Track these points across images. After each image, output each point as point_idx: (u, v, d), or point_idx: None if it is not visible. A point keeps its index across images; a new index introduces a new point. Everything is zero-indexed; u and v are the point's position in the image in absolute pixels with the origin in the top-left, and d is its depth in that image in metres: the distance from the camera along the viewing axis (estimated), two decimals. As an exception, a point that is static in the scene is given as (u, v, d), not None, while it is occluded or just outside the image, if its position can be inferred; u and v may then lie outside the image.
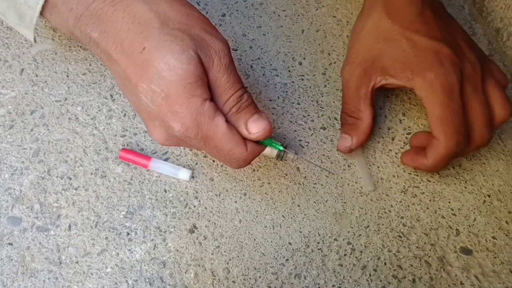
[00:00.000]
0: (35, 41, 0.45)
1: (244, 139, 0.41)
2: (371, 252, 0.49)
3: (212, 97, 0.40)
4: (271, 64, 0.57)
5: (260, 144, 0.44)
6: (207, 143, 0.40)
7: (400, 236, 0.50)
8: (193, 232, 0.47)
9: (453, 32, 0.50)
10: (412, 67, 0.48)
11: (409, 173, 0.53)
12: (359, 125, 0.51)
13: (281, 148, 0.47)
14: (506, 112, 0.49)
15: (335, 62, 0.58)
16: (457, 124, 0.47)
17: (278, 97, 0.55)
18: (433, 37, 0.48)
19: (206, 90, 0.39)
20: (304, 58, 0.58)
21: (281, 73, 0.57)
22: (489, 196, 0.54)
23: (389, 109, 0.56)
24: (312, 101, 0.56)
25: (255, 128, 0.41)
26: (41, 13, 0.41)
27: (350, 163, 0.53)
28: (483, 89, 0.48)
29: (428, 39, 0.48)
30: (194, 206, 0.48)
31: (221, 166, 0.51)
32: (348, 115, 0.52)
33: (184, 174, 0.49)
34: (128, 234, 0.47)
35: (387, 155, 0.54)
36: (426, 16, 0.49)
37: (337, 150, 0.53)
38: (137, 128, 0.51)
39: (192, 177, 0.49)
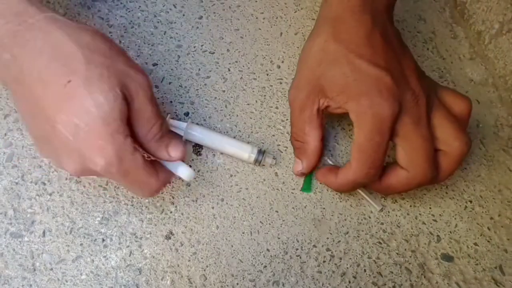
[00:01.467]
0: None
1: (156, 171, 0.43)
2: (350, 258, 0.49)
3: (134, 127, 0.41)
4: (249, 68, 0.57)
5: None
6: (126, 177, 0.40)
7: (380, 243, 0.50)
8: (170, 238, 0.47)
9: (401, 61, 0.48)
10: (348, 91, 0.46)
11: (389, 179, 0.53)
12: (306, 148, 0.50)
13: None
14: (460, 143, 0.46)
15: (316, 66, 0.58)
16: (373, 157, 0.45)
17: (256, 101, 0.55)
18: (377, 64, 0.46)
19: (127, 127, 0.40)
20: (282, 62, 0.58)
21: (259, 76, 0.56)
22: (470, 201, 0.53)
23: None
24: (291, 105, 0.55)
25: (174, 150, 0.44)
26: None
27: (330, 168, 0.52)
28: (428, 122, 0.46)
29: (371, 65, 0.46)
30: (171, 212, 0.48)
31: (198, 171, 0.50)
32: (295, 139, 0.51)
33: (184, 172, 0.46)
34: (103, 240, 0.46)
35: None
36: (374, 40, 0.47)
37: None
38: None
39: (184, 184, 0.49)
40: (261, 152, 0.50)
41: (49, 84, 0.38)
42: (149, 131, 0.42)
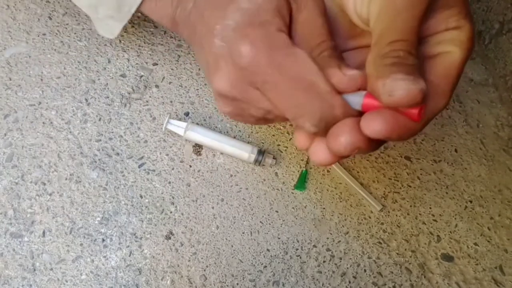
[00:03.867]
0: (117, 36, 0.43)
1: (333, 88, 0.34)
2: (350, 258, 0.49)
3: (299, 43, 0.35)
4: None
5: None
6: (283, 72, 0.33)
7: (380, 243, 0.50)
8: (170, 238, 0.47)
9: None
10: (467, 4, 0.35)
11: (389, 179, 0.53)
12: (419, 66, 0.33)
13: None
14: None
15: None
16: None
17: (257, 102, 0.55)
18: None
19: (285, 25, 0.34)
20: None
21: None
22: (470, 201, 0.53)
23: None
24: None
25: (350, 70, 0.34)
26: (142, 9, 0.40)
27: (330, 168, 0.52)
28: None
29: None
30: (171, 212, 0.48)
31: (198, 171, 0.50)
32: (409, 53, 0.33)
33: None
34: (103, 240, 0.46)
35: (367, 160, 0.53)
36: None
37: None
38: (112, 132, 0.50)
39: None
40: (261, 152, 0.50)
41: (214, 2, 0.35)
42: (317, 45, 0.35)
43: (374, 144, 0.33)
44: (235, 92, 0.35)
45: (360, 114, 0.33)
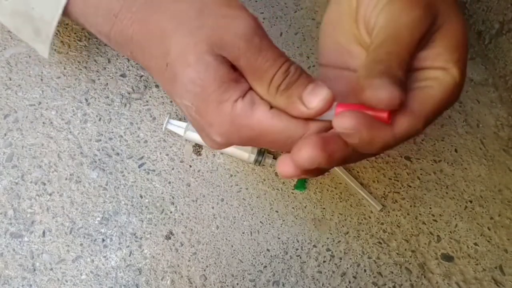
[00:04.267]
0: (48, 56, 0.43)
1: (303, 119, 0.34)
2: (350, 258, 0.49)
3: (253, 86, 0.35)
4: (249, 68, 0.57)
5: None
6: (260, 141, 0.35)
7: (380, 243, 0.50)
8: (170, 238, 0.47)
9: None
10: (462, 51, 0.37)
11: (389, 179, 0.53)
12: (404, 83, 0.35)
13: None
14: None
15: (313, 65, 0.58)
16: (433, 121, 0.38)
17: (257, 101, 0.55)
18: None
19: (235, 90, 0.34)
20: (283, 62, 0.58)
21: (259, 77, 0.56)
22: (470, 201, 0.53)
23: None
24: (292, 105, 0.55)
25: (313, 99, 0.34)
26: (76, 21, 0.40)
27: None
28: None
29: None
30: (171, 212, 0.48)
31: (198, 171, 0.50)
32: (399, 67, 0.35)
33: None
34: (103, 240, 0.46)
35: (367, 160, 0.53)
36: None
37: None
38: (112, 132, 0.50)
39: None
40: (261, 152, 0.50)
41: (158, 71, 0.36)
42: (270, 84, 0.34)
43: (335, 161, 0.34)
44: (226, 146, 0.38)
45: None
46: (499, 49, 0.62)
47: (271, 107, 0.34)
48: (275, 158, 0.51)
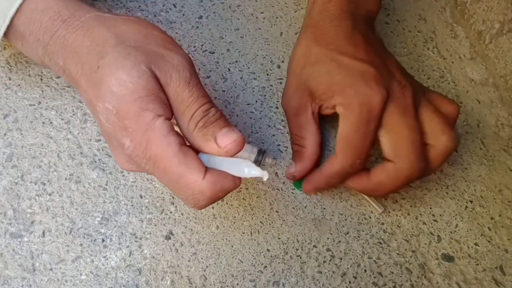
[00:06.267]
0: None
1: (205, 168, 0.37)
2: (351, 259, 0.48)
3: (175, 116, 0.38)
4: (249, 67, 0.57)
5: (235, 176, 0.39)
6: (156, 165, 0.36)
7: (381, 243, 0.50)
8: (170, 238, 0.47)
9: (385, 60, 0.47)
10: (333, 86, 0.46)
11: (390, 179, 0.53)
12: (303, 152, 0.49)
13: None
14: (448, 137, 0.45)
15: (316, 66, 0.58)
16: (360, 147, 0.44)
17: (256, 101, 0.55)
18: (360, 58, 0.46)
19: (161, 107, 0.36)
20: (282, 61, 0.58)
21: (259, 76, 0.56)
22: (471, 201, 0.53)
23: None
24: (291, 105, 0.55)
25: (225, 140, 0.37)
26: (13, 43, 0.42)
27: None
28: (415, 114, 0.45)
29: (353, 60, 0.46)
30: (171, 212, 0.48)
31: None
32: (294, 143, 0.51)
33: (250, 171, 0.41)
34: (103, 240, 0.46)
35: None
36: (355, 40, 0.47)
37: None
38: (112, 132, 0.50)
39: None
40: (261, 152, 0.50)
41: (88, 75, 0.37)
42: (191, 118, 0.37)
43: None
44: (131, 167, 0.39)
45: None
46: (500, 49, 0.62)
47: (181, 145, 0.36)
48: (275, 158, 0.51)
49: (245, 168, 0.40)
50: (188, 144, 0.38)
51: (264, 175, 0.40)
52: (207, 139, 0.37)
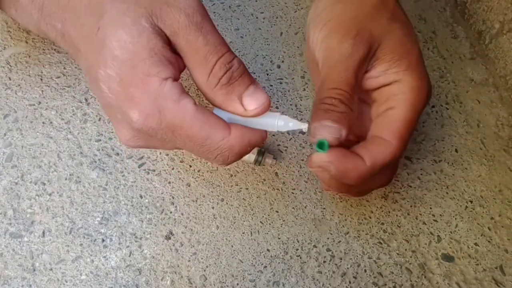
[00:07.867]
0: None
1: (227, 123, 0.34)
2: (351, 259, 0.48)
3: (189, 68, 0.34)
4: (249, 67, 0.57)
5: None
6: (176, 134, 0.32)
7: (381, 243, 0.50)
8: (170, 238, 0.47)
9: None
10: (409, 57, 0.39)
11: (390, 179, 0.53)
12: (347, 112, 0.36)
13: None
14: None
15: (316, 66, 0.58)
16: (411, 134, 0.40)
17: (257, 101, 0.55)
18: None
19: (166, 68, 0.32)
20: (282, 61, 0.58)
21: (259, 76, 0.56)
22: (471, 202, 0.53)
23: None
24: (291, 104, 0.55)
25: (253, 103, 0.34)
26: (7, 11, 0.38)
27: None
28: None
29: (412, 33, 0.41)
30: (171, 212, 0.48)
31: (198, 171, 0.50)
32: (341, 101, 0.36)
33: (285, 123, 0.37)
34: (103, 240, 0.46)
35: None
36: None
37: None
38: (112, 132, 0.50)
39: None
40: (261, 152, 0.50)
41: (88, 38, 0.33)
42: (211, 73, 0.33)
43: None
44: (138, 143, 0.36)
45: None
46: (500, 49, 0.62)
47: (196, 105, 0.33)
48: (275, 158, 0.51)
49: (279, 121, 0.35)
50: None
51: (304, 126, 0.36)
52: (231, 98, 0.34)
